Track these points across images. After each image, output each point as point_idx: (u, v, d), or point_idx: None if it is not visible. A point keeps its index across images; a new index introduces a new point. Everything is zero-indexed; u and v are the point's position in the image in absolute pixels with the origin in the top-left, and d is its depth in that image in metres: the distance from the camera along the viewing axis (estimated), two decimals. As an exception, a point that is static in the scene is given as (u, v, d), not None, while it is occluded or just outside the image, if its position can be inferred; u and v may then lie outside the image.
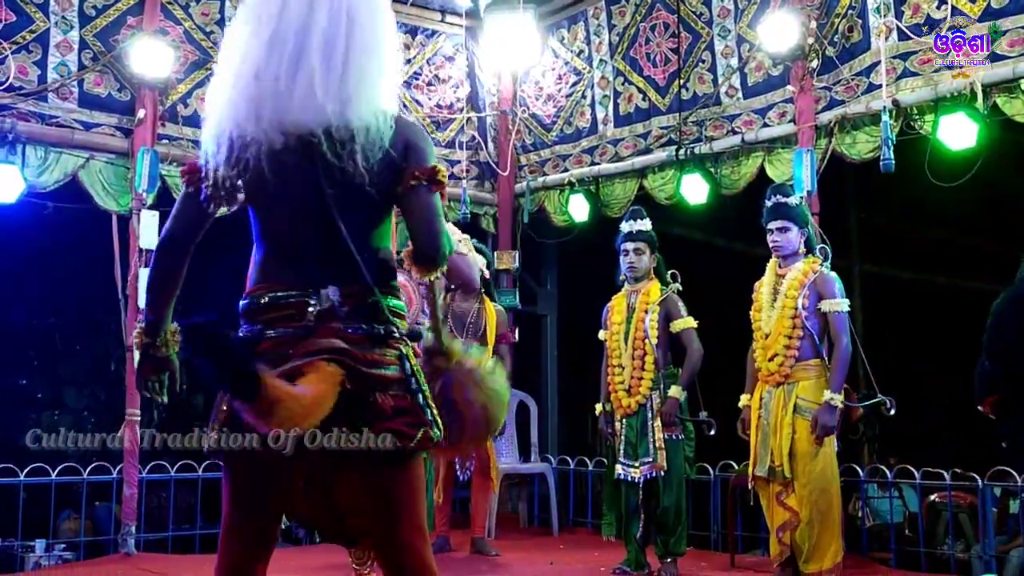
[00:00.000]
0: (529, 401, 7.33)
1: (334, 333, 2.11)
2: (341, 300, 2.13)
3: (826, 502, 4.64)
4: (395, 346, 2.18)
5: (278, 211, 2.19)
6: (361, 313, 2.15)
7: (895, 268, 9.96)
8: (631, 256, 5.37)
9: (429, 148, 2.24)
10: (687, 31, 6.74)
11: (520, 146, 7.94)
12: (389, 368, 2.15)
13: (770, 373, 4.77)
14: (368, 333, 2.14)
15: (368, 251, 2.16)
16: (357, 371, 2.10)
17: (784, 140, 6.12)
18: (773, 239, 4.85)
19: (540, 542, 6.72)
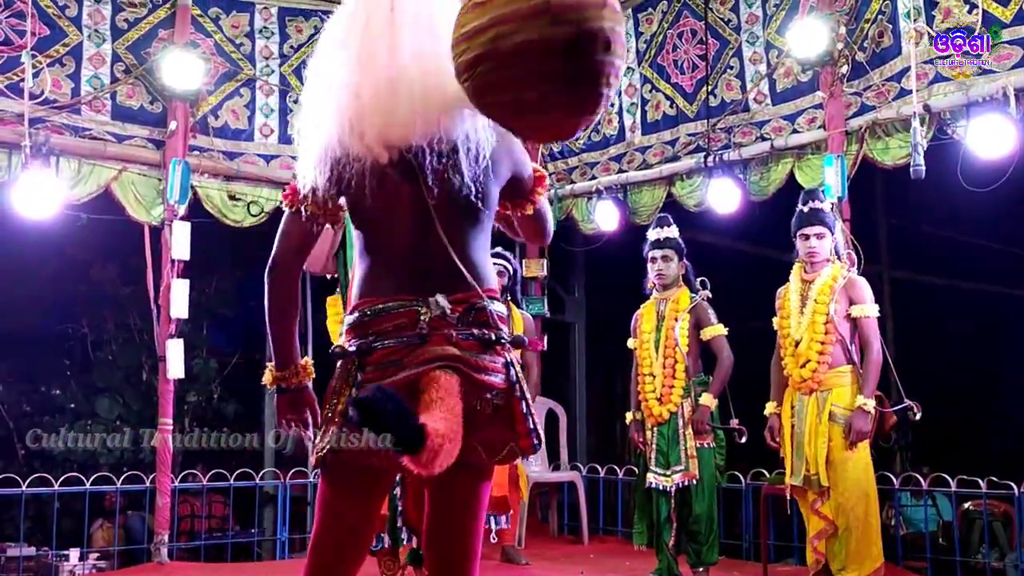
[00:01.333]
0: (558, 409, 7.32)
1: (447, 340, 2.14)
2: (453, 308, 2.17)
3: (863, 509, 4.60)
4: (501, 353, 2.22)
5: (383, 225, 2.23)
6: (470, 320, 2.18)
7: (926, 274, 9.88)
8: (659, 263, 5.36)
9: (525, 153, 2.39)
10: (715, 38, 6.73)
11: (547, 154, 7.94)
12: (497, 375, 2.19)
13: (803, 380, 4.74)
14: (479, 339, 2.18)
15: (472, 259, 2.22)
16: (470, 378, 2.14)
17: (814, 146, 6.08)
18: (810, 245, 4.82)
19: (570, 551, 6.71)
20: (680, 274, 5.41)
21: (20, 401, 8.25)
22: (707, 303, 5.34)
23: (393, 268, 2.22)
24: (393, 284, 2.20)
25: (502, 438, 2.22)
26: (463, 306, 2.18)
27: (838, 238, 4.91)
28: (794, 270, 4.94)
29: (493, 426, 2.20)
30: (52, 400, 8.39)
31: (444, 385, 2.07)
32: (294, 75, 6.91)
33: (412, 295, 2.17)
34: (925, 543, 5.97)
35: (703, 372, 5.34)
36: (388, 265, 2.22)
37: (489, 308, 2.21)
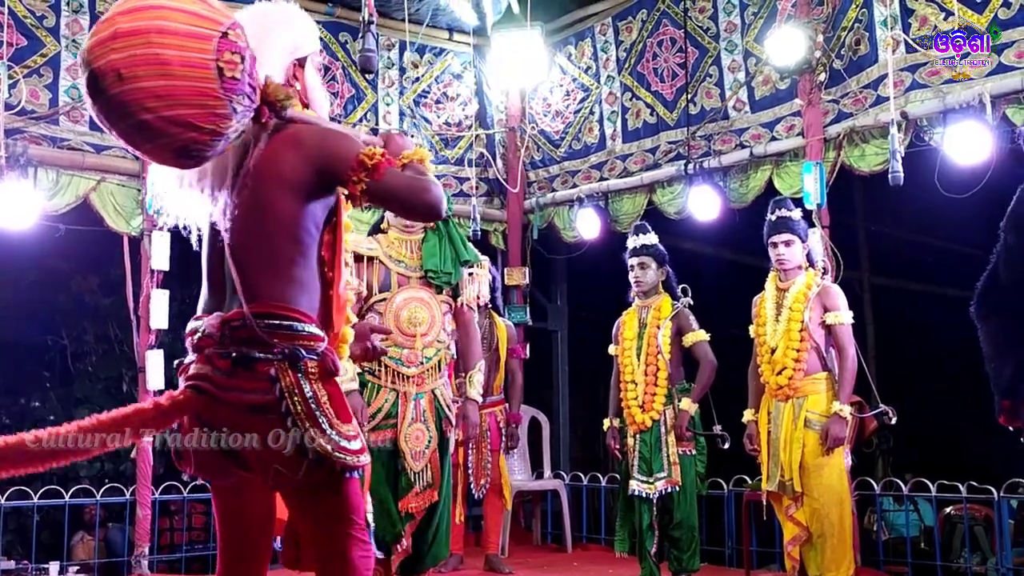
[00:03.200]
0: (541, 417, 7.31)
1: (206, 359, 2.26)
2: (220, 326, 2.24)
3: (837, 515, 4.62)
4: (265, 370, 2.22)
5: (205, 242, 2.41)
6: (233, 338, 2.23)
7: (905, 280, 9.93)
8: (636, 271, 5.38)
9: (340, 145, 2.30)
10: (694, 46, 6.76)
11: (529, 162, 7.96)
12: (254, 392, 2.21)
13: (779, 387, 4.76)
14: (233, 358, 2.22)
15: (256, 275, 2.26)
16: (215, 397, 2.22)
17: (793, 153, 6.12)
18: (778, 252, 4.84)
19: (553, 559, 6.70)
20: (660, 281, 5.41)
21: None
22: (688, 310, 5.35)
23: (207, 287, 2.40)
24: (204, 302, 2.39)
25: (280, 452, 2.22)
26: (231, 324, 2.24)
27: (814, 245, 4.93)
28: (769, 278, 4.97)
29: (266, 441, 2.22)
30: (32, 412, 8.32)
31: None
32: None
33: (204, 312, 2.35)
34: (907, 548, 6.00)
35: (685, 379, 5.35)
36: (206, 284, 2.40)
37: (251, 323, 2.21)
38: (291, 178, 2.25)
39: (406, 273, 4.27)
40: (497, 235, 7.91)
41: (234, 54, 2.11)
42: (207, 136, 2.12)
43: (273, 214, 2.25)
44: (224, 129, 2.14)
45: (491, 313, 6.29)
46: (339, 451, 2.23)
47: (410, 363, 4.17)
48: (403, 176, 2.32)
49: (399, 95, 7.51)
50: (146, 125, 2.07)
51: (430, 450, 4.16)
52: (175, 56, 2.03)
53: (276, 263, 2.27)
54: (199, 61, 2.06)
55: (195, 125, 2.09)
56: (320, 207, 2.32)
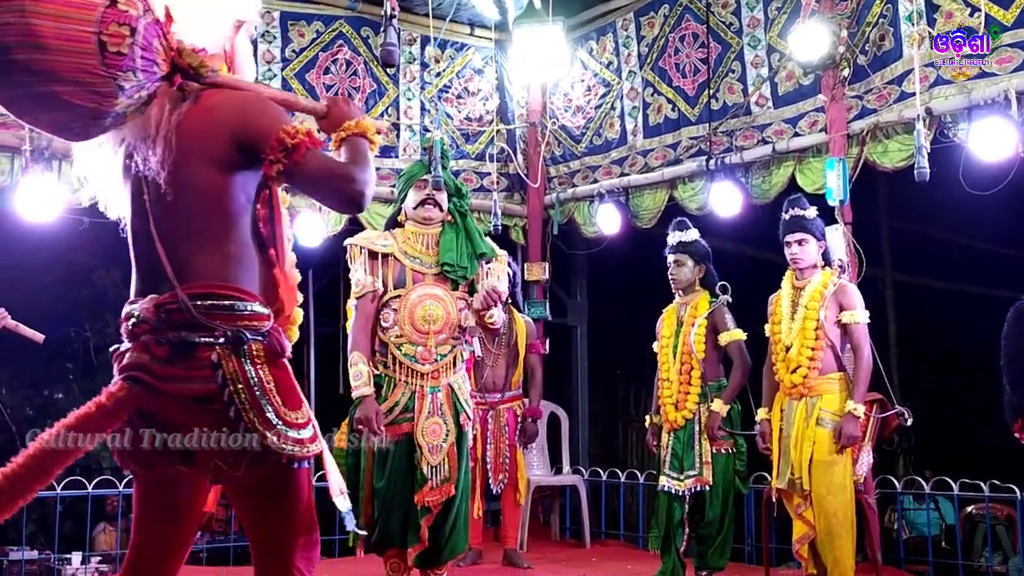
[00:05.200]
0: (560, 412, 7.32)
1: (142, 347, 2.11)
2: (155, 310, 2.10)
3: (843, 512, 4.60)
4: (206, 355, 2.08)
5: (129, 222, 2.25)
6: (169, 322, 2.09)
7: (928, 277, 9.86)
8: (672, 268, 5.37)
9: (262, 119, 2.14)
10: (716, 41, 6.73)
11: (549, 158, 7.95)
12: (194, 381, 2.08)
13: (793, 386, 4.74)
14: (172, 343, 2.08)
15: (186, 254, 2.13)
16: (154, 388, 2.08)
17: (815, 149, 6.09)
18: (792, 252, 4.83)
19: (572, 554, 6.70)
20: (698, 278, 5.40)
21: (23, 405, 8.24)
22: (726, 308, 5.33)
23: (136, 269, 2.24)
24: (136, 286, 2.23)
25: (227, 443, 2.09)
26: (166, 309, 2.09)
27: (833, 243, 4.90)
28: (786, 276, 4.95)
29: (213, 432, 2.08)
30: (55, 404, 8.38)
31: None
32: (296, 79, 6.93)
33: (137, 298, 2.18)
34: (928, 547, 5.96)
35: (724, 377, 5.33)
36: (134, 266, 2.24)
37: (187, 306, 2.06)
38: (211, 150, 2.11)
39: (421, 269, 4.26)
40: (517, 230, 7.90)
41: (122, 26, 1.94)
42: (86, 115, 1.99)
43: (196, 187, 2.11)
44: (107, 107, 1.99)
45: (510, 308, 6.30)
46: (286, 441, 2.09)
47: (424, 360, 4.17)
48: (326, 161, 2.14)
49: (420, 90, 7.52)
50: (18, 99, 1.95)
51: (447, 444, 4.16)
52: (50, 28, 1.87)
53: (206, 239, 2.13)
54: (78, 35, 1.90)
55: (71, 104, 1.95)
56: (250, 178, 2.17)
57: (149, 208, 2.14)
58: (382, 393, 4.15)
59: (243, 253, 2.17)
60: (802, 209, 4.86)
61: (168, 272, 2.09)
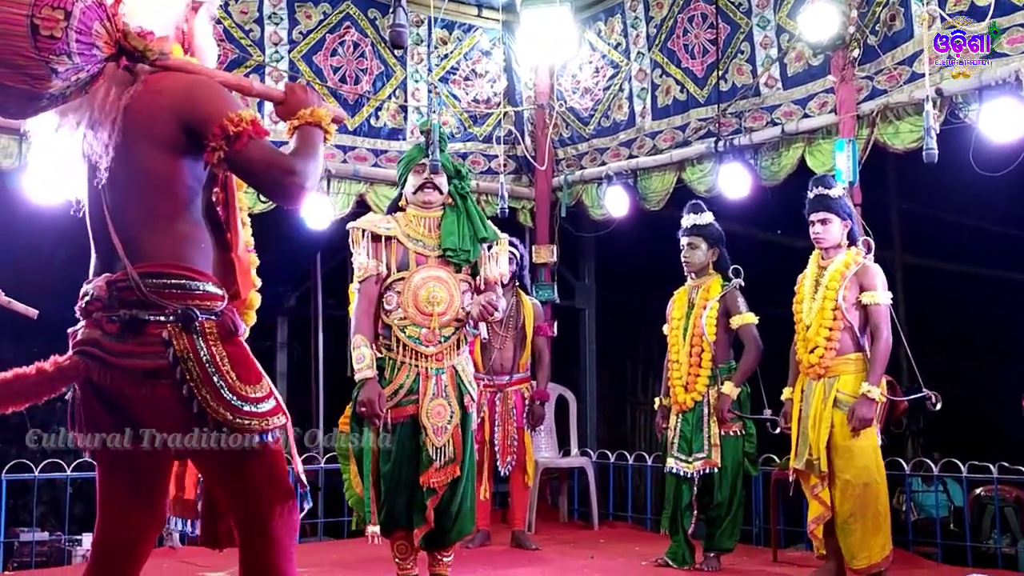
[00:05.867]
0: (568, 395, 7.33)
1: (95, 324, 2.15)
2: (107, 288, 2.14)
3: (870, 496, 4.58)
4: (156, 332, 2.10)
5: (86, 204, 2.29)
6: (120, 300, 2.12)
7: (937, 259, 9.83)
8: (685, 251, 5.38)
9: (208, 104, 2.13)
10: (725, 22, 6.69)
11: (557, 140, 7.92)
12: (146, 357, 2.10)
13: (811, 366, 4.73)
14: (122, 321, 2.11)
15: (135, 232, 2.15)
16: (106, 363, 2.11)
17: (825, 131, 6.05)
18: (815, 231, 4.80)
19: (580, 536, 6.73)
20: (711, 261, 5.40)
21: (33, 387, 8.29)
22: (739, 291, 5.33)
23: (94, 250, 2.27)
24: (93, 267, 2.26)
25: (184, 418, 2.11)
26: (118, 287, 2.13)
27: (852, 224, 4.87)
28: (812, 255, 4.92)
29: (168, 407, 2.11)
30: (65, 386, 8.43)
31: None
32: (303, 61, 6.91)
33: (94, 275, 2.22)
34: (936, 529, 5.96)
35: (734, 360, 5.33)
36: (93, 247, 2.27)
37: (136, 284, 2.09)
38: (158, 133, 2.12)
39: (424, 252, 4.25)
40: (525, 213, 7.89)
41: (56, 9, 1.94)
42: (19, 95, 2.00)
43: (144, 169, 2.13)
44: (40, 89, 2.01)
45: (518, 291, 6.30)
46: (241, 416, 2.11)
47: (428, 342, 4.16)
48: (267, 151, 2.13)
49: (428, 72, 7.49)
50: None
51: (452, 425, 4.17)
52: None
53: (157, 220, 2.15)
54: (10, 17, 1.91)
55: (3, 85, 1.97)
56: (197, 162, 2.17)
57: (100, 190, 2.17)
58: (386, 376, 4.15)
59: (195, 234, 2.19)
60: (826, 188, 4.83)
61: (120, 252, 2.12)
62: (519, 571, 5.42)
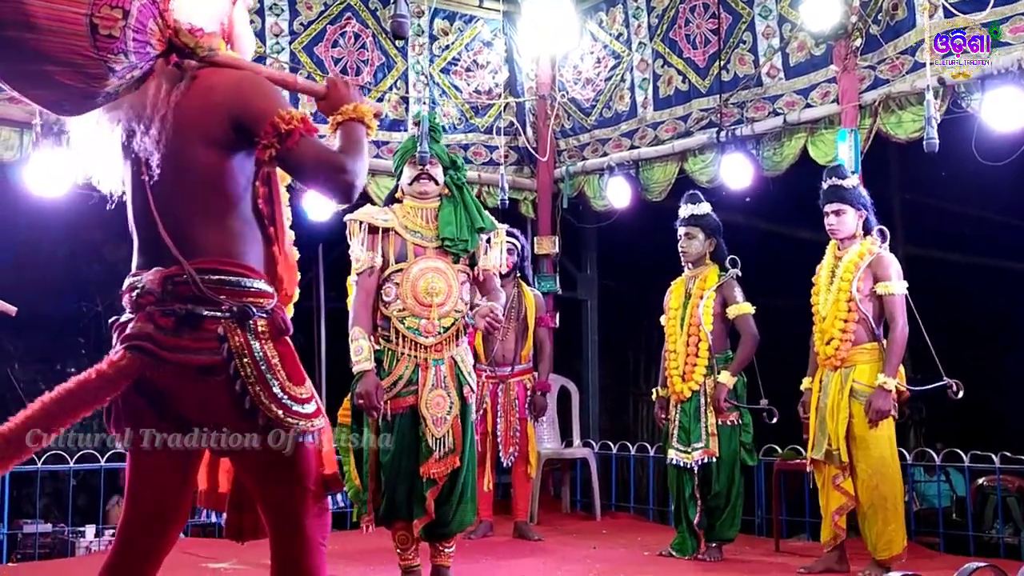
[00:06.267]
0: (570, 386, 7.33)
1: (147, 318, 2.13)
2: (160, 282, 2.12)
3: (888, 487, 4.60)
4: (212, 328, 2.11)
5: (129, 198, 2.27)
6: (176, 294, 2.11)
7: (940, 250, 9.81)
8: (683, 241, 5.39)
9: (258, 102, 2.14)
10: (727, 12, 6.67)
11: (559, 131, 7.91)
12: (201, 352, 2.10)
13: (827, 357, 4.74)
14: (177, 315, 2.10)
15: (187, 229, 2.15)
16: (158, 357, 2.09)
17: (827, 120, 6.04)
18: (829, 222, 4.80)
19: (582, 526, 6.73)
20: (708, 252, 5.40)
21: (36, 380, 8.30)
22: (735, 281, 5.33)
23: (137, 243, 2.26)
24: (137, 259, 2.25)
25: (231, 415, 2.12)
26: (173, 281, 2.12)
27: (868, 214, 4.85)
28: (829, 246, 4.92)
29: (217, 404, 2.12)
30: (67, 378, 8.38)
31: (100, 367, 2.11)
32: (304, 52, 6.90)
33: (143, 270, 2.19)
34: (938, 518, 5.97)
35: (731, 350, 5.33)
36: (136, 241, 2.26)
37: (194, 279, 2.09)
38: (209, 130, 2.12)
39: (422, 243, 4.25)
40: (527, 204, 7.89)
41: (114, 8, 1.94)
42: (76, 95, 2.01)
43: (195, 166, 2.13)
44: (98, 88, 2.01)
45: (519, 282, 6.29)
46: (291, 416, 2.13)
47: (427, 333, 4.16)
48: (319, 149, 2.13)
49: (429, 63, 7.48)
50: (10, 75, 1.97)
51: (451, 416, 4.17)
52: (41, 8, 1.88)
53: (209, 216, 2.15)
54: (70, 17, 1.90)
55: (61, 83, 1.97)
56: (248, 158, 2.18)
57: (148, 185, 2.15)
58: (384, 367, 4.15)
59: (246, 230, 2.19)
60: (840, 178, 4.82)
61: (171, 247, 2.11)
62: (521, 562, 5.43)
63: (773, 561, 5.40)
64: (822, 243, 5.01)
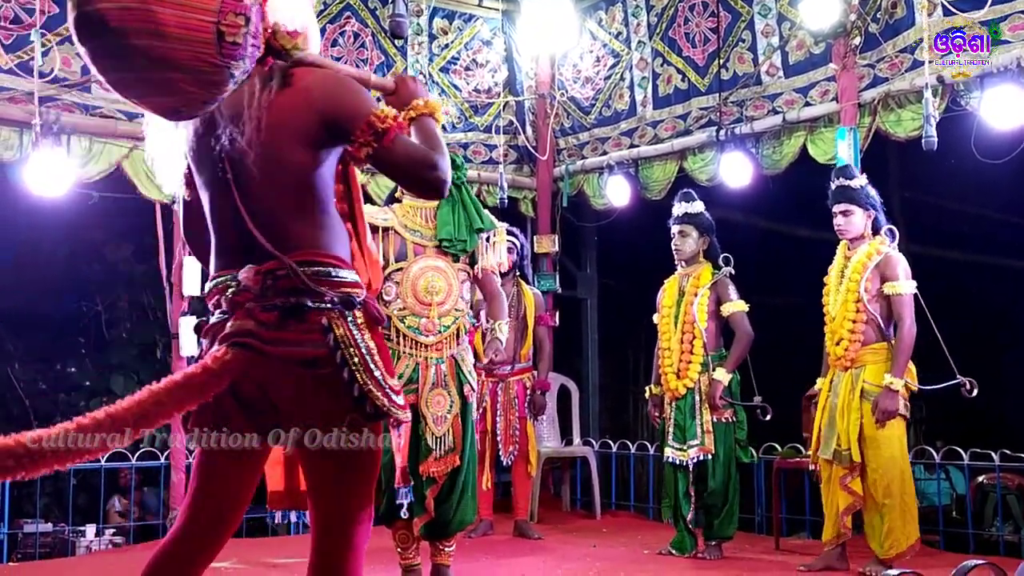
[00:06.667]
0: (570, 385, 7.33)
1: (246, 314, 2.12)
2: (255, 278, 2.12)
3: (899, 486, 4.61)
4: (316, 319, 2.12)
5: (207, 199, 2.25)
6: (277, 288, 2.11)
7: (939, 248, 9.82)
8: (676, 239, 5.39)
9: (351, 100, 2.15)
10: (726, 10, 6.67)
11: (558, 129, 7.92)
12: (306, 345, 2.11)
13: (837, 357, 4.75)
14: (281, 308, 2.10)
15: (279, 225, 2.15)
16: (262, 352, 2.09)
17: (827, 119, 6.04)
18: (838, 223, 4.82)
19: (582, 525, 6.74)
20: (701, 250, 5.41)
21: (36, 379, 8.31)
22: (729, 279, 5.34)
23: (217, 243, 2.25)
24: (218, 260, 2.24)
25: (334, 409, 2.13)
26: (271, 276, 2.12)
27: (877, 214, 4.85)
28: (840, 247, 4.93)
29: (319, 398, 2.12)
30: (67, 378, 8.45)
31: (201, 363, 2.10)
32: (304, 52, 6.89)
33: (228, 269, 2.19)
34: (938, 516, 5.97)
35: (724, 348, 5.35)
36: (217, 241, 2.25)
37: (295, 272, 2.09)
38: (301, 129, 2.13)
39: (422, 242, 4.26)
40: (526, 203, 7.89)
41: (238, 15, 1.96)
42: (196, 101, 2.02)
43: (289, 164, 2.14)
44: (217, 94, 2.03)
45: (519, 281, 6.30)
46: (393, 405, 2.16)
47: (428, 332, 4.17)
48: (412, 146, 2.17)
49: (428, 62, 7.48)
50: (132, 82, 1.98)
51: (451, 415, 4.18)
52: (171, 16, 1.89)
53: (300, 211, 2.16)
54: (198, 24, 1.91)
55: (184, 91, 1.98)
56: (333, 156, 2.21)
57: (233, 183, 2.15)
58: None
59: (335, 224, 2.22)
60: (848, 178, 4.83)
61: (263, 242, 2.11)
62: (521, 560, 5.43)
63: (773, 559, 5.41)
64: (821, 242, 5.02)
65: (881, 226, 4.84)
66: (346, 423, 2.12)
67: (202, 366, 2.08)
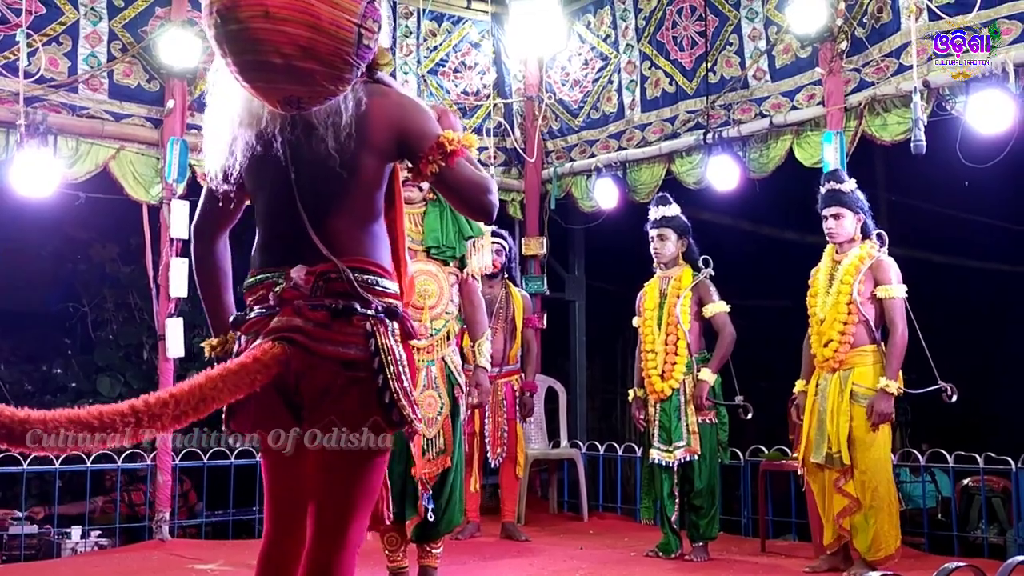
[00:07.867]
0: (558, 387, 7.34)
1: (294, 311, 2.20)
2: (306, 278, 2.20)
3: (885, 489, 4.64)
4: (359, 324, 2.20)
5: (261, 198, 2.32)
6: (327, 290, 2.20)
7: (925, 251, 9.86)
8: (656, 243, 5.42)
9: (424, 121, 2.28)
10: (714, 14, 6.70)
11: (547, 132, 7.93)
12: (349, 346, 2.19)
13: (825, 359, 4.77)
14: (329, 309, 2.19)
15: (336, 229, 2.23)
16: (307, 348, 2.17)
17: (813, 123, 6.07)
18: (828, 226, 4.84)
19: (570, 527, 6.75)
20: (680, 252, 5.44)
21: (22, 380, 8.26)
22: (709, 281, 5.37)
23: (266, 241, 2.33)
24: (266, 257, 2.32)
25: (361, 410, 2.20)
26: (322, 277, 2.20)
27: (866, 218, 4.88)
28: (827, 249, 4.95)
29: (350, 397, 2.19)
30: (54, 379, 8.41)
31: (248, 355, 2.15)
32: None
33: (277, 267, 2.26)
34: (923, 519, 6.00)
35: (706, 349, 5.37)
36: (264, 238, 2.33)
37: (348, 277, 2.19)
38: (376, 141, 2.23)
39: (413, 247, 4.25)
40: (514, 205, 7.90)
41: (375, 22, 2.10)
42: (321, 94, 2.11)
43: (359, 172, 2.23)
44: (337, 93, 2.13)
45: (507, 283, 6.31)
46: (414, 415, 2.25)
47: (420, 335, 4.18)
48: (471, 170, 2.30)
49: (417, 64, 7.48)
50: (271, 67, 2.05)
51: (442, 417, 4.18)
52: (326, 12, 2.02)
53: (360, 219, 2.26)
54: (346, 23, 2.05)
55: (317, 83, 2.08)
56: (390, 171, 2.32)
57: (295, 184, 2.23)
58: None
59: (383, 235, 2.32)
60: (838, 182, 4.85)
61: (320, 245, 2.20)
62: (509, 562, 5.43)
63: (759, 561, 5.42)
64: (807, 244, 5.05)
65: (869, 229, 4.87)
66: (369, 425, 2.19)
67: (252, 357, 2.14)
